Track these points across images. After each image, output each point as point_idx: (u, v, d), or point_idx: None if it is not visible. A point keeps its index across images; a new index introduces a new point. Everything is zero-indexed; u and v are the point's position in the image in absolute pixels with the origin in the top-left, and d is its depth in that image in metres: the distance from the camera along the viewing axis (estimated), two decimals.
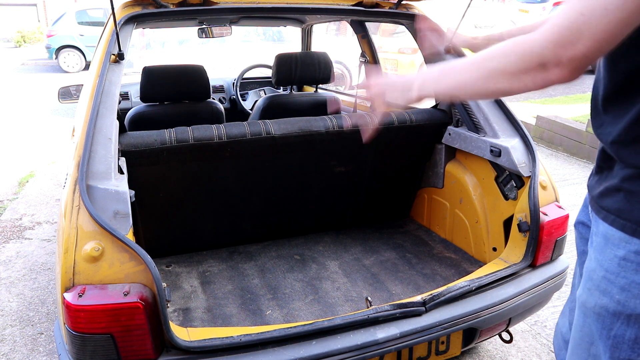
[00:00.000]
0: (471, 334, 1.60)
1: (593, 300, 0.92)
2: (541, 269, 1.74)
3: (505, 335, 1.88)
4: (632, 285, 0.85)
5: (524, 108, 7.24)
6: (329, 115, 2.08)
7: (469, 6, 1.99)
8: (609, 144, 0.88)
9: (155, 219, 2.04)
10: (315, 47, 3.71)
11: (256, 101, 3.03)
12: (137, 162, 1.75)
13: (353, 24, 3.00)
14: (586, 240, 1.05)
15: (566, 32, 0.72)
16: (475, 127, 2.06)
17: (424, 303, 1.50)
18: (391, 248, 2.27)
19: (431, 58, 2.10)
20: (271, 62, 2.53)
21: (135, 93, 3.44)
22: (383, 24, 10.52)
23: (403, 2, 2.20)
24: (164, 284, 1.30)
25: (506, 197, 1.95)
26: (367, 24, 3.01)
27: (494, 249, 1.99)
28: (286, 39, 9.82)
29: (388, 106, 1.05)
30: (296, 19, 3.42)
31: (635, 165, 0.85)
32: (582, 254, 1.10)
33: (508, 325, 1.70)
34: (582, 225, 1.09)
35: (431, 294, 1.53)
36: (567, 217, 1.77)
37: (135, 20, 1.80)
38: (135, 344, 1.23)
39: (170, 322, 1.27)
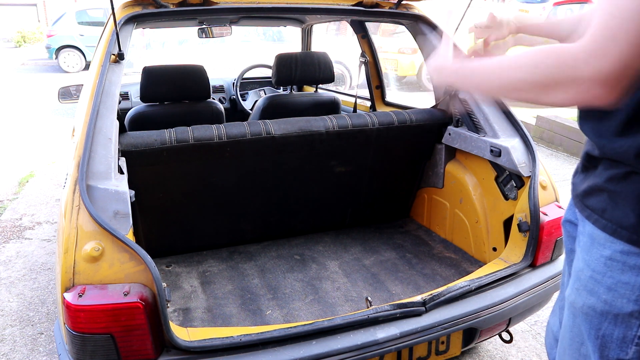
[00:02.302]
0: (471, 334, 1.60)
1: (581, 301, 0.93)
2: (541, 269, 1.74)
3: (505, 335, 1.88)
4: (618, 285, 0.85)
5: (524, 108, 7.23)
6: (329, 116, 2.08)
7: (469, 6, 1.99)
8: (597, 136, 0.87)
9: (155, 219, 2.04)
10: (315, 47, 3.71)
11: (256, 101, 3.03)
12: (137, 162, 1.75)
13: (353, 24, 3.00)
14: (574, 239, 1.05)
15: (599, 39, 0.64)
16: (475, 127, 2.06)
17: (424, 303, 1.50)
18: (391, 248, 2.27)
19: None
20: (271, 62, 2.53)
21: (135, 93, 3.44)
22: (383, 24, 10.53)
23: (403, 2, 2.20)
24: (164, 284, 1.30)
25: (506, 197, 1.95)
26: (367, 23, 3.01)
27: (494, 249, 1.99)
28: (286, 39, 9.83)
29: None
30: (296, 19, 3.42)
31: (614, 158, 0.84)
32: (570, 253, 1.10)
33: (508, 325, 1.70)
34: (570, 224, 1.09)
35: (431, 294, 1.53)
36: None
37: (135, 20, 1.80)
38: (135, 344, 1.23)
39: (170, 322, 1.27)
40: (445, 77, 0.98)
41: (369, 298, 1.59)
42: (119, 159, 1.49)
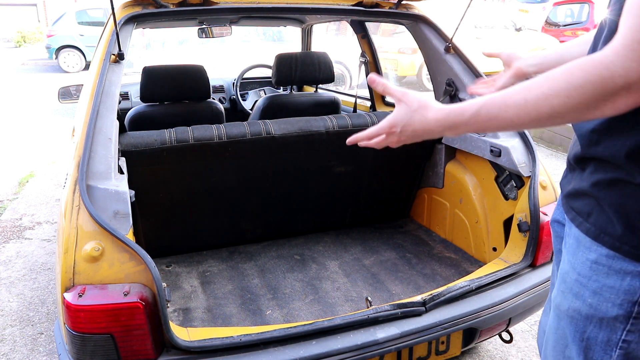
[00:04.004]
0: (471, 334, 1.60)
1: (566, 304, 0.93)
2: (541, 269, 1.74)
3: (505, 335, 1.88)
4: (603, 289, 0.85)
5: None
6: (329, 115, 2.07)
7: (469, 6, 1.99)
8: (589, 132, 0.86)
9: (155, 219, 2.04)
10: (315, 47, 3.71)
11: (256, 101, 3.03)
12: (137, 162, 1.75)
13: (353, 24, 3.00)
14: (561, 239, 1.05)
15: None
16: None
17: (424, 303, 1.50)
18: (391, 248, 2.27)
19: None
20: (271, 62, 2.53)
21: (135, 93, 3.44)
22: (383, 24, 10.53)
23: (403, 2, 2.20)
24: (164, 284, 1.30)
25: (506, 197, 1.95)
26: (367, 23, 3.01)
27: (494, 249, 1.99)
28: (286, 39, 9.83)
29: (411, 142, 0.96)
30: (296, 19, 3.42)
31: (604, 156, 0.84)
32: (558, 253, 1.10)
33: (508, 325, 1.70)
34: (558, 224, 1.08)
35: (431, 294, 1.53)
36: None
37: (135, 20, 1.80)
38: (135, 344, 1.23)
39: (170, 322, 1.27)
40: (463, 130, 0.85)
41: (369, 298, 1.59)
42: (119, 159, 1.49)
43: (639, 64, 0.66)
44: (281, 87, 3.87)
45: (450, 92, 2.15)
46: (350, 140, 0.98)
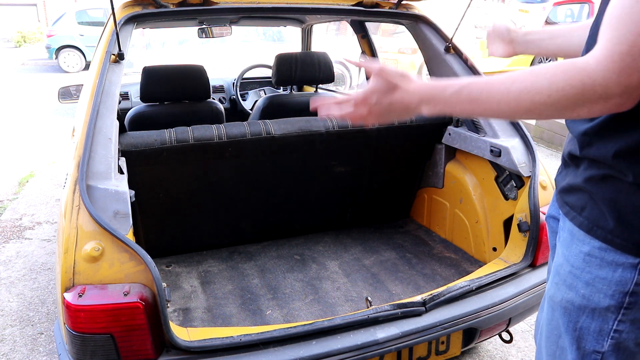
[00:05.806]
0: (471, 334, 1.60)
1: (560, 295, 0.95)
2: (541, 268, 1.74)
3: (505, 335, 1.88)
4: (596, 280, 0.87)
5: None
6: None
7: (469, 6, 1.99)
8: (581, 134, 0.88)
9: (155, 219, 2.04)
10: (315, 47, 3.71)
11: (256, 101, 3.03)
12: (137, 162, 1.75)
13: (353, 24, 3.00)
14: (556, 234, 1.07)
15: (628, 59, 0.68)
16: (475, 127, 2.06)
17: (424, 303, 1.50)
18: (391, 248, 2.27)
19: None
20: (271, 62, 2.53)
21: (135, 93, 3.44)
22: (383, 24, 10.54)
23: (403, 2, 2.20)
24: (164, 284, 1.30)
25: (506, 197, 1.95)
26: (367, 23, 3.01)
27: (494, 249, 2.00)
28: (286, 39, 9.83)
29: (379, 122, 0.92)
30: (296, 19, 3.42)
31: (595, 157, 0.86)
32: (553, 248, 1.12)
33: (508, 325, 1.70)
34: (553, 219, 1.10)
35: (431, 294, 1.53)
36: None
37: (135, 20, 1.80)
38: (135, 344, 1.23)
39: (170, 322, 1.27)
40: (440, 108, 0.84)
41: (369, 298, 1.59)
42: (119, 159, 1.49)
43: (618, 76, 0.69)
44: (281, 87, 3.87)
45: None
46: (313, 104, 0.92)
